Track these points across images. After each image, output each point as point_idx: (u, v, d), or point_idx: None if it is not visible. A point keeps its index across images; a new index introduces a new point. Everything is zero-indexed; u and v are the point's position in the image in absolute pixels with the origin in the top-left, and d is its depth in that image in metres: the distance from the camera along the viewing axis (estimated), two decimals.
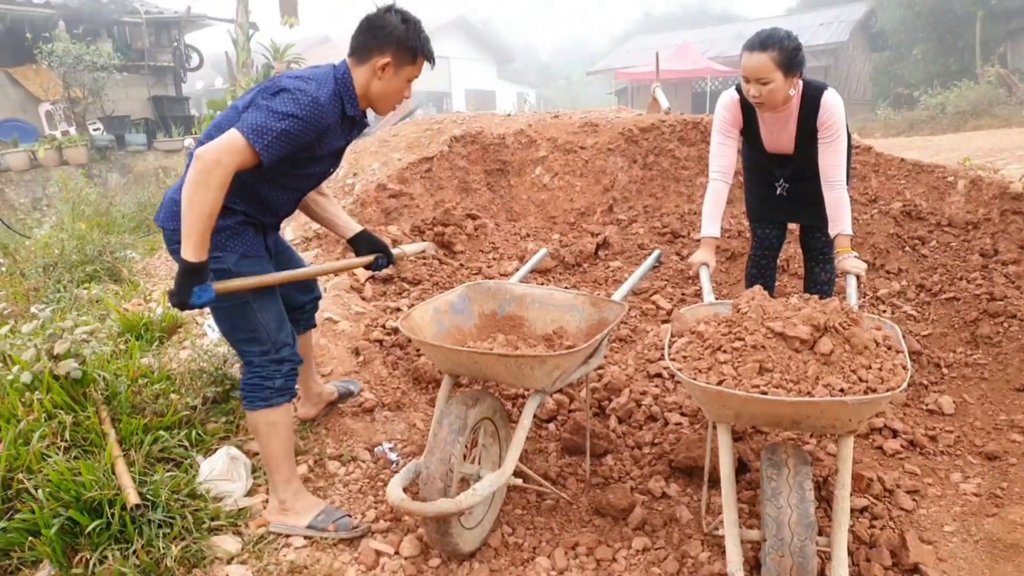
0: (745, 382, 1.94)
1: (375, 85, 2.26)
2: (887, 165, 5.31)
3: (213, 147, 1.99)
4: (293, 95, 2.08)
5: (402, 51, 2.23)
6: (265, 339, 2.30)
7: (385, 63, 2.22)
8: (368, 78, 2.24)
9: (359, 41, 2.24)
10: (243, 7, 12.45)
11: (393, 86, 2.28)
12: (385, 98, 2.31)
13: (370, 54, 2.22)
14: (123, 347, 3.44)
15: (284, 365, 2.35)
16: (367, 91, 2.27)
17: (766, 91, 2.71)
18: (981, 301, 3.97)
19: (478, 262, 4.84)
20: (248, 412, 2.35)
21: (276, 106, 2.06)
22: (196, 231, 1.99)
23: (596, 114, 6.53)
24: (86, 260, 5.18)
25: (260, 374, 2.31)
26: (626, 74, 22.96)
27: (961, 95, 15.95)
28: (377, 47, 2.21)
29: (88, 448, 2.54)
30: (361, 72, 2.24)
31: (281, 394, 2.35)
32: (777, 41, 2.64)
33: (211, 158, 1.98)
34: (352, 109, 2.26)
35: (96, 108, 11.54)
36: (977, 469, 2.84)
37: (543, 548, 2.38)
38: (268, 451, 2.38)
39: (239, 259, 2.22)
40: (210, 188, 1.97)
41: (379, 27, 2.22)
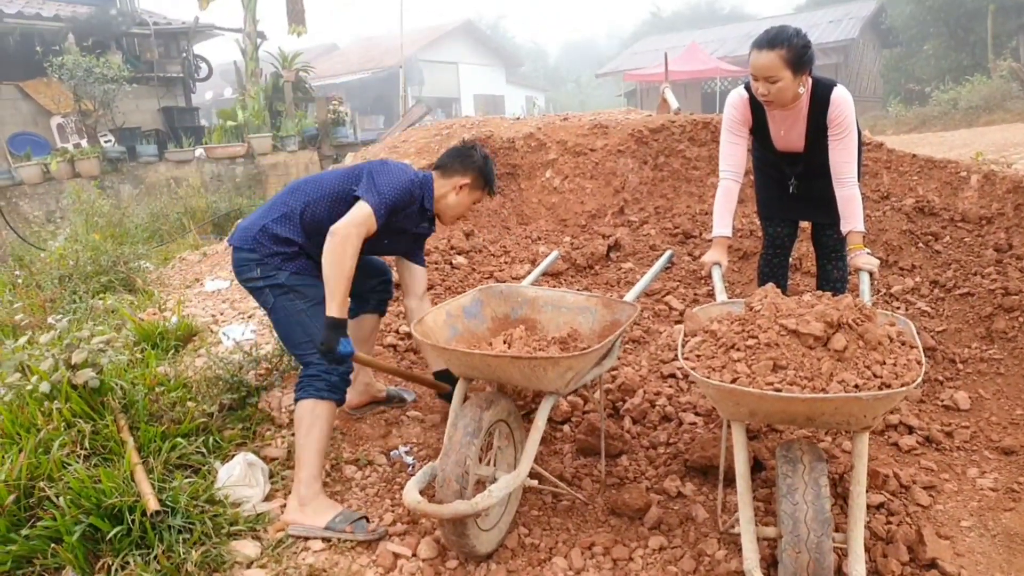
0: (759, 380, 1.94)
1: (451, 197, 2.78)
2: (899, 161, 5.29)
3: (347, 222, 2.42)
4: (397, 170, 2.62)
5: (478, 179, 2.80)
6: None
7: (464, 184, 2.77)
8: (447, 191, 2.77)
9: (448, 161, 2.79)
10: (251, 17, 12.56)
11: (463, 203, 2.81)
12: (453, 210, 2.82)
13: (454, 173, 2.77)
14: (139, 356, 3.48)
15: (342, 365, 2.51)
16: (443, 199, 2.78)
17: (775, 89, 2.71)
18: (996, 296, 3.94)
19: (489, 266, 4.85)
20: (298, 402, 2.48)
21: (384, 180, 2.55)
22: (340, 291, 2.39)
23: (606, 116, 6.54)
24: (101, 271, 5.24)
25: (320, 368, 2.49)
26: (635, 76, 22.95)
27: (973, 90, 15.86)
28: (461, 170, 2.77)
29: (107, 456, 2.57)
30: (442, 184, 2.77)
31: (333, 391, 2.50)
32: (786, 39, 2.64)
33: (347, 232, 2.41)
34: (428, 204, 2.74)
35: (107, 120, 11.64)
36: (994, 464, 2.82)
37: (560, 548, 2.38)
38: (305, 442, 2.45)
39: (290, 275, 2.54)
40: (348, 256, 2.40)
41: (466, 156, 2.79)
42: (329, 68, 27.05)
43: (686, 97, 21.10)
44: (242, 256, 2.58)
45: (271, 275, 2.54)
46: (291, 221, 2.58)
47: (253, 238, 2.56)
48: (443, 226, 3.41)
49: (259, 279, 2.54)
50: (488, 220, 5.50)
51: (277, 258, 2.54)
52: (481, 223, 5.44)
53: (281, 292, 2.54)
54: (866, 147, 5.32)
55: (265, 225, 2.57)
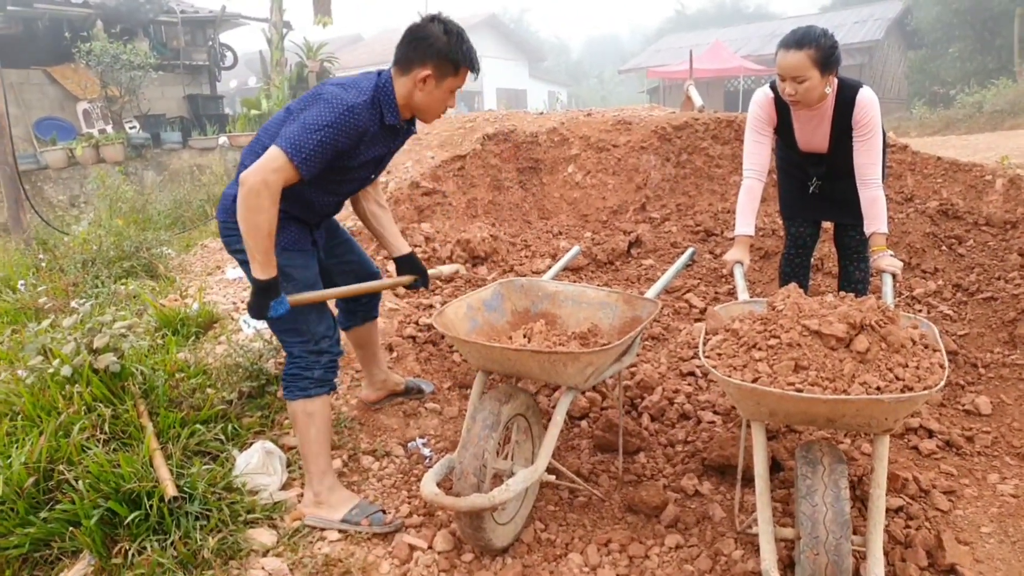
0: (780, 380, 1.93)
1: (417, 96, 2.28)
2: (923, 164, 5.22)
3: (257, 169, 2.06)
4: (329, 103, 2.14)
5: (443, 63, 2.24)
6: (304, 331, 2.37)
7: (426, 75, 2.23)
8: (410, 89, 2.27)
9: (401, 52, 2.26)
10: (277, 6, 12.61)
11: (435, 97, 2.30)
12: (428, 109, 2.33)
13: (411, 65, 2.24)
14: (160, 342, 3.51)
15: (323, 356, 2.41)
16: (409, 101, 2.30)
17: (802, 89, 2.69)
18: (1020, 301, 3.88)
19: (511, 260, 4.85)
20: (288, 402, 2.42)
21: (311, 118, 2.11)
22: (260, 251, 2.10)
23: (629, 112, 6.50)
24: (123, 256, 5.29)
25: (300, 364, 2.38)
26: (658, 72, 22.81)
27: (999, 93, 15.61)
28: (418, 59, 2.23)
29: (127, 441, 2.60)
30: (403, 83, 2.27)
31: (319, 385, 2.41)
32: (814, 39, 2.62)
33: (257, 180, 2.05)
34: (392, 118, 2.28)
35: (132, 107, 11.74)
36: (1015, 470, 2.78)
37: (576, 544, 2.38)
38: (305, 441, 2.43)
39: (280, 252, 2.25)
40: (262, 209, 2.06)
41: (420, 38, 2.23)
42: (354, 59, 27.11)
43: (709, 95, 20.92)
44: (228, 226, 2.31)
45: None
46: None
47: (231, 209, 2.25)
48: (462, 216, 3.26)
49: (244, 251, 2.20)
50: (510, 214, 5.49)
51: None
52: (503, 216, 5.44)
53: None
54: (891, 149, 5.26)
55: (236, 195, 2.20)
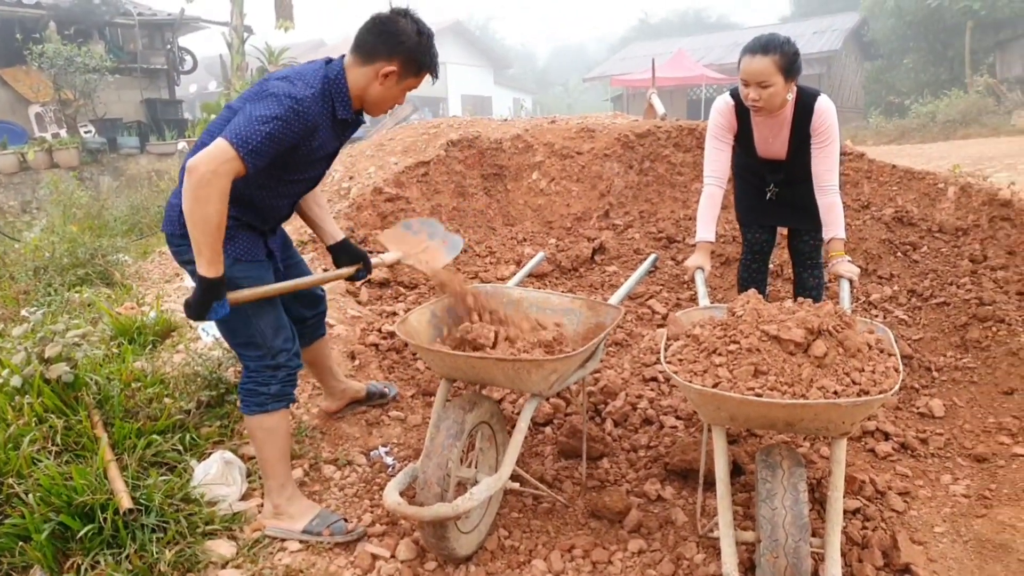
0: (740, 385, 1.95)
1: (374, 89, 2.19)
2: (879, 172, 5.36)
3: (204, 158, 1.93)
4: (276, 96, 2.04)
5: (410, 63, 2.17)
6: (261, 344, 2.30)
7: (390, 71, 2.16)
8: (368, 81, 2.18)
9: (366, 41, 2.15)
10: (238, 10, 12.46)
11: (392, 94, 2.23)
12: (381, 104, 2.25)
13: (376, 58, 2.14)
14: (116, 351, 3.43)
15: (280, 371, 2.34)
16: (364, 93, 2.20)
17: (766, 95, 2.73)
18: (970, 306, 4.00)
19: (475, 266, 4.85)
20: (245, 416, 2.37)
21: (258, 111, 2.01)
22: (207, 246, 1.97)
23: (593, 120, 6.55)
24: (77, 263, 5.15)
25: (256, 379, 2.32)
26: (622, 81, 23.05)
27: (951, 104, 16.11)
28: (385, 53, 2.14)
29: (80, 452, 2.53)
30: (361, 73, 2.17)
31: (277, 400, 2.35)
32: (778, 45, 2.67)
33: (205, 170, 1.92)
34: (344, 112, 2.20)
35: (88, 110, 11.48)
36: (966, 471, 2.86)
37: (539, 551, 2.38)
38: (263, 456, 2.38)
39: (232, 263, 2.17)
40: (211, 201, 1.93)
41: (392, 32, 2.14)
42: None
43: (672, 103, 21.23)
44: (176, 239, 2.20)
45: None
46: None
47: (178, 221, 2.11)
48: None
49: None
50: (474, 220, 5.49)
51: None
52: (467, 223, 5.43)
53: None
54: (847, 157, 5.39)
55: None
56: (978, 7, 19.08)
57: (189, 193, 1.94)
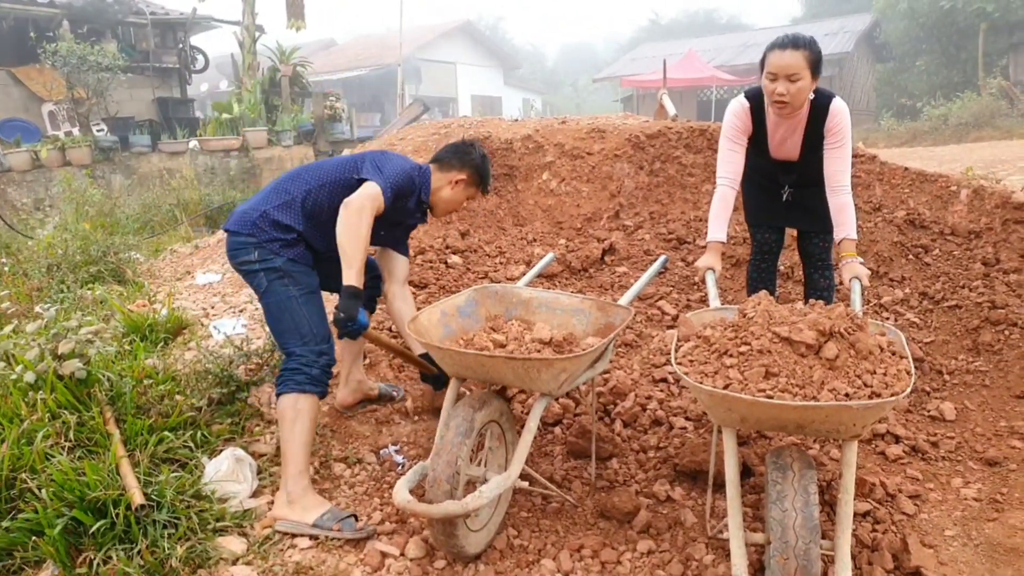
0: (751, 386, 1.95)
1: (446, 191, 2.84)
2: (891, 174, 5.33)
3: (359, 197, 2.47)
4: (398, 158, 2.70)
5: (474, 176, 2.85)
6: (307, 331, 2.52)
7: (460, 179, 2.83)
8: (443, 184, 2.83)
9: (446, 156, 2.85)
10: (249, 10, 12.51)
11: (457, 198, 2.87)
12: (447, 204, 2.88)
13: (451, 168, 2.83)
14: (128, 348, 3.45)
15: (323, 358, 2.52)
16: (438, 192, 2.83)
17: (795, 89, 2.72)
18: (983, 309, 3.98)
19: (484, 266, 4.85)
20: (280, 396, 2.46)
21: (388, 164, 2.64)
22: (357, 260, 2.44)
23: (603, 120, 6.55)
24: (90, 261, 5.19)
25: (301, 360, 2.49)
26: (632, 81, 23.02)
27: (963, 106, 16.00)
28: (459, 166, 2.83)
29: (92, 448, 2.55)
30: (439, 178, 2.83)
31: (315, 384, 2.48)
32: (807, 42, 2.71)
33: (359, 204, 2.46)
34: (425, 195, 2.81)
35: (100, 109, 11.55)
36: (978, 475, 2.84)
37: (548, 550, 2.38)
38: (289, 437, 2.43)
39: (285, 261, 2.56)
40: (363, 225, 2.45)
41: (465, 152, 2.85)
42: (327, 64, 26.99)
43: (682, 104, 21.16)
44: (239, 240, 2.58)
45: (268, 258, 2.54)
46: (292, 208, 2.60)
47: (252, 223, 2.56)
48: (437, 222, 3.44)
49: (255, 262, 2.55)
50: (484, 220, 5.49)
51: (276, 243, 2.56)
52: (477, 223, 5.44)
53: (276, 276, 2.54)
54: (859, 159, 5.36)
55: (266, 211, 2.58)
56: (992, 9, 18.95)
57: (348, 219, 2.44)
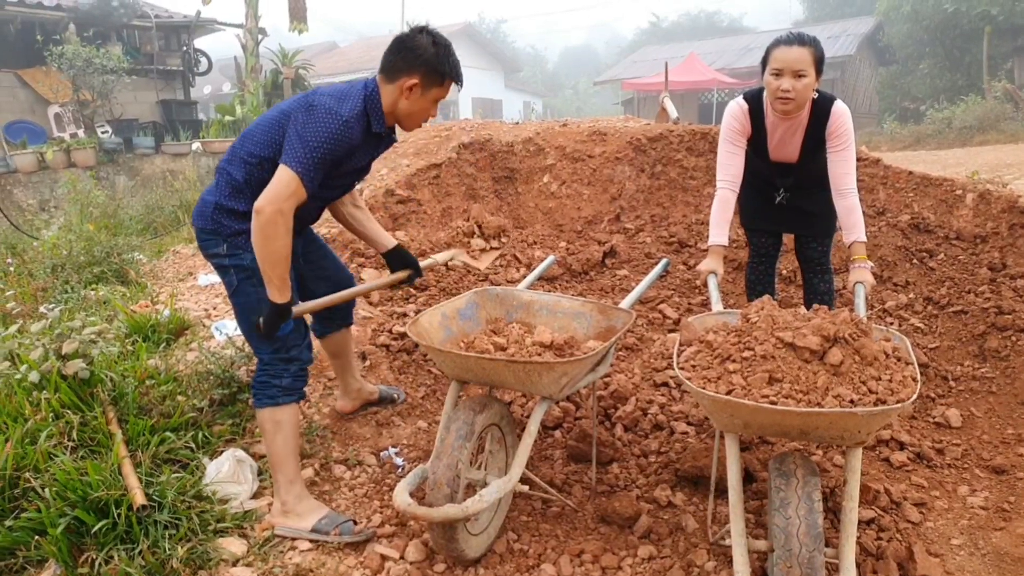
0: (754, 392, 1.94)
1: (402, 104, 2.32)
2: (895, 178, 5.31)
3: (270, 198, 2.11)
4: (327, 116, 2.18)
5: (430, 73, 2.29)
6: (275, 337, 2.35)
7: (412, 84, 2.28)
8: (396, 97, 2.31)
9: (389, 60, 2.30)
10: (252, 13, 12.53)
11: (420, 106, 2.35)
12: (411, 117, 2.38)
13: (398, 74, 2.28)
14: (130, 348, 3.45)
15: (292, 364, 2.40)
16: (394, 109, 2.34)
17: (800, 85, 2.70)
18: (989, 315, 3.96)
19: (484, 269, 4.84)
20: (256, 409, 2.41)
21: (310, 134, 2.16)
22: (277, 276, 2.18)
23: (604, 123, 6.54)
24: (94, 261, 5.19)
25: (269, 372, 2.38)
26: (633, 84, 23.01)
27: (968, 110, 15.94)
28: (406, 68, 2.28)
29: (95, 448, 2.55)
30: (389, 90, 2.31)
31: (288, 393, 2.39)
32: (812, 40, 2.71)
33: (272, 209, 2.11)
34: (378, 126, 2.33)
35: (105, 111, 11.57)
36: (984, 483, 2.82)
37: (548, 555, 2.37)
38: (273, 450, 2.41)
39: (255, 257, 2.23)
40: (279, 236, 2.13)
41: (409, 48, 2.27)
42: (329, 66, 27.03)
43: (683, 107, 21.14)
44: (205, 233, 2.36)
45: (236, 253, 2.32)
46: (242, 194, 2.31)
47: (210, 217, 2.33)
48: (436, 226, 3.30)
49: (224, 256, 2.33)
50: None
51: (242, 237, 2.31)
52: None
53: (246, 275, 2.33)
54: (863, 163, 5.35)
55: (218, 202, 2.32)
56: (996, 12, 18.90)
57: (258, 232, 2.13)
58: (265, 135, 2.28)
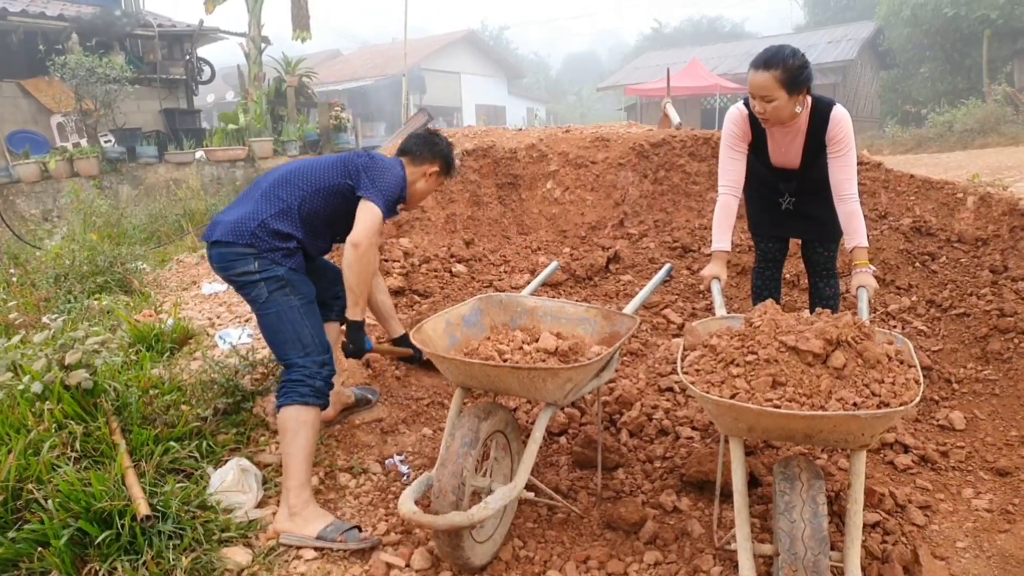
0: (758, 396, 1.94)
1: (420, 184, 2.85)
2: (897, 181, 5.31)
3: (367, 233, 2.49)
4: (392, 172, 2.66)
5: (444, 165, 2.89)
6: (309, 341, 2.51)
7: (433, 171, 2.85)
8: (417, 177, 2.83)
9: (417, 149, 2.84)
10: (255, 21, 12.59)
11: (430, 188, 2.90)
12: (420, 196, 2.90)
13: (423, 161, 2.83)
14: (134, 358, 3.46)
15: (325, 368, 2.52)
16: (412, 185, 2.82)
17: (770, 108, 2.73)
18: (991, 317, 3.95)
19: (489, 275, 4.85)
20: (281, 409, 2.44)
21: (386, 180, 2.61)
22: (364, 298, 2.58)
23: (607, 129, 6.56)
24: (97, 271, 5.21)
25: (304, 372, 2.48)
26: (635, 90, 23.06)
27: (968, 113, 15.95)
28: (430, 157, 2.84)
29: (98, 459, 2.54)
30: (412, 171, 2.82)
31: (318, 396, 2.48)
32: (781, 60, 2.65)
33: (368, 243, 2.49)
34: (404, 193, 2.76)
35: (108, 120, 11.62)
36: (989, 485, 2.81)
37: (554, 562, 2.36)
38: (291, 450, 2.42)
39: (287, 271, 2.54)
40: (372, 263, 2.57)
41: (433, 144, 2.86)
42: (332, 74, 27.14)
43: (686, 113, 21.17)
44: (235, 251, 2.52)
45: (269, 268, 2.51)
46: (289, 216, 2.58)
47: (251, 232, 2.52)
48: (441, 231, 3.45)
49: (255, 272, 2.50)
50: (489, 229, 5.50)
51: (277, 253, 2.53)
52: (482, 232, 5.45)
53: (278, 286, 2.51)
54: (864, 166, 5.35)
55: (264, 220, 2.54)
56: (996, 16, 18.92)
57: (357, 262, 2.49)
58: (327, 171, 2.65)
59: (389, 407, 3.27)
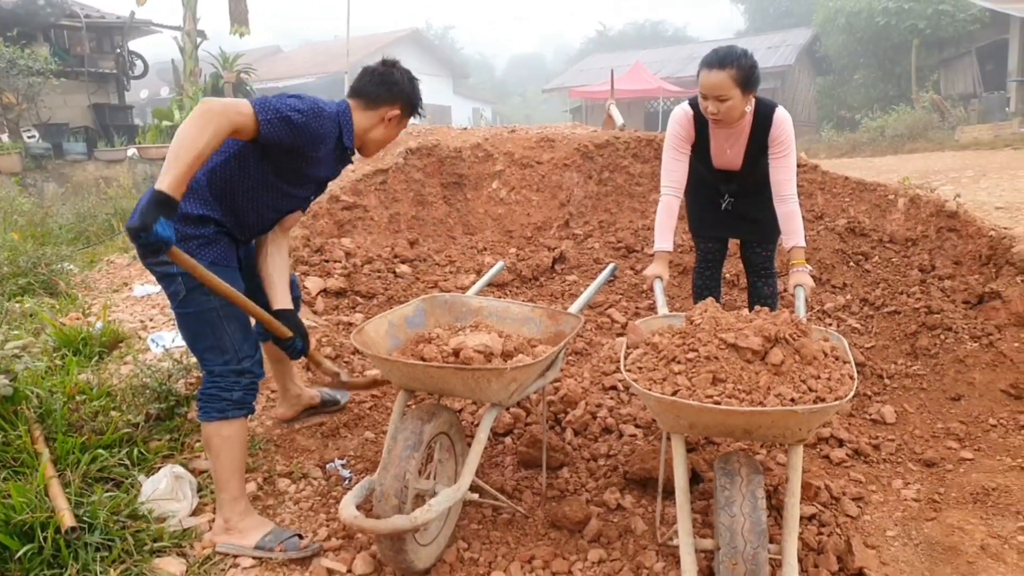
0: (699, 392, 1.96)
1: (378, 131, 2.43)
2: (832, 183, 5.49)
3: (221, 100, 2.04)
4: (302, 98, 2.22)
5: (407, 106, 2.46)
6: (228, 348, 2.29)
7: (394, 115, 2.42)
8: (372, 123, 2.41)
9: (372, 89, 2.39)
10: (191, 15, 12.23)
11: (392, 134, 2.49)
12: (379, 143, 2.49)
13: (380, 103, 2.39)
14: (59, 363, 3.29)
15: (244, 377, 2.32)
16: (365, 133, 2.42)
17: (724, 108, 2.75)
18: (920, 314, 4.11)
19: (434, 276, 4.81)
20: (203, 424, 2.31)
21: (285, 99, 2.17)
22: (180, 163, 1.93)
23: (552, 130, 6.59)
24: (19, 272, 4.96)
25: (219, 384, 2.28)
26: (580, 92, 23.29)
27: (899, 119, 16.63)
28: (389, 99, 2.40)
29: (19, 469, 2.42)
30: (366, 116, 2.40)
31: (238, 407, 2.31)
32: (735, 59, 2.68)
33: (217, 105, 2.01)
34: (348, 141, 2.38)
35: (31, 115, 11.11)
36: (916, 476, 2.92)
37: (499, 562, 2.35)
38: (218, 466, 2.31)
39: (209, 266, 2.14)
40: (206, 130, 1.97)
41: (392, 82, 2.41)
42: (272, 71, 26.56)
43: (630, 115, 21.46)
44: None
45: None
46: (198, 194, 2.22)
47: None
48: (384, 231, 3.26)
49: (172, 263, 2.07)
50: (434, 229, 5.46)
51: (194, 242, 2.20)
52: (427, 232, 5.40)
53: (196, 284, 2.16)
54: (802, 169, 5.51)
55: None
56: (923, 26, 19.79)
57: (193, 116, 1.98)
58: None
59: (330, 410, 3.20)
